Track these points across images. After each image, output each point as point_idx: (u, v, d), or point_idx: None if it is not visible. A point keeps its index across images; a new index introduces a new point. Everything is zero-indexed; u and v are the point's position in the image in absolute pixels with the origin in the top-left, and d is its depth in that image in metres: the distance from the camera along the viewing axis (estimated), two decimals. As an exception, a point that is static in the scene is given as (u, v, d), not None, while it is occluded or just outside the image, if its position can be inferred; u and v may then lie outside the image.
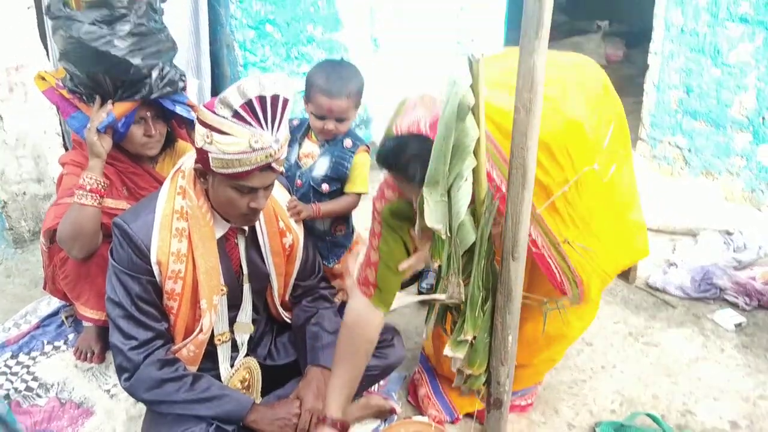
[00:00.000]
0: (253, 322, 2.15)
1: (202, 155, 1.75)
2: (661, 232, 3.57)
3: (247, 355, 2.15)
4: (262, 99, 1.67)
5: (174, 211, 1.87)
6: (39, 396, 2.46)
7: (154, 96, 2.29)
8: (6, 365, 2.61)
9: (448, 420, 2.30)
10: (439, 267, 1.34)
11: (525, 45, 1.23)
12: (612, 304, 3.01)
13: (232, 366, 2.10)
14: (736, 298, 2.96)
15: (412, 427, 2.12)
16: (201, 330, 1.95)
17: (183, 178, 1.89)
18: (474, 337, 1.41)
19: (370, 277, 1.94)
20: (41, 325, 2.85)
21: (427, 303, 1.57)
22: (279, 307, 2.20)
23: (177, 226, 1.86)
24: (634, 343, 2.75)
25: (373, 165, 2.57)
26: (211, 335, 2.01)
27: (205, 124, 1.71)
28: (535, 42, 1.22)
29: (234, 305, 2.07)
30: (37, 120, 3.38)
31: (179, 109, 2.39)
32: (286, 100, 1.72)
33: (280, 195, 2.14)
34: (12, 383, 2.51)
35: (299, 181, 2.38)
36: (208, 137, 1.71)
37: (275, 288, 2.13)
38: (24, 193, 3.46)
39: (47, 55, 3.31)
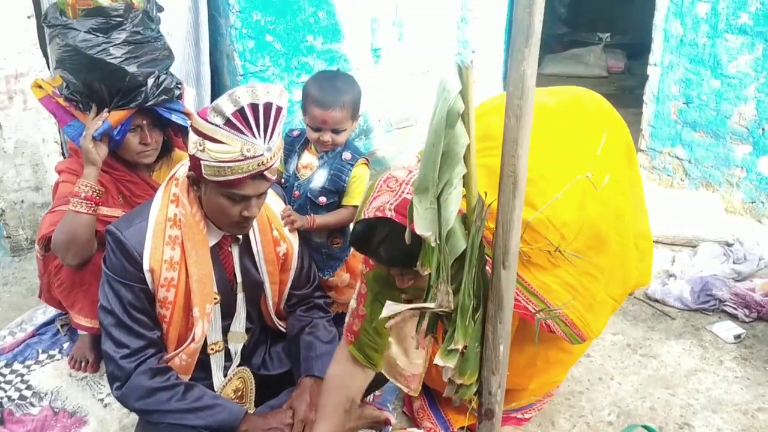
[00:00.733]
0: (247, 331, 2.14)
1: (195, 162, 1.75)
2: (661, 243, 3.55)
3: (240, 364, 2.14)
4: (254, 107, 1.67)
5: (167, 218, 1.87)
6: (32, 405, 2.44)
7: (149, 104, 2.29)
8: (0, 374, 2.60)
9: (443, 432, 2.29)
10: (429, 275, 1.33)
11: (515, 53, 1.22)
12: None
13: (226, 375, 2.09)
14: (735, 309, 2.94)
15: (406, 438, 2.10)
16: (193, 339, 1.94)
17: (176, 186, 1.89)
18: (465, 347, 1.39)
19: (355, 326, 1.98)
20: (36, 333, 2.84)
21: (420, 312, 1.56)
22: (273, 316, 2.19)
23: (170, 234, 1.86)
24: (632, 355, 2.73)
25: (372, 176, 2.57)
26: (204, 344, 2.00)
27: (197, 132, 1.71)
28: (525, 50, 1.21)
29: (228, 314, 2.07)
30: (36, 128, 3.39)
31: (175, 117, 2.39)
32: (279, 108, 1.72)
33: (274, 204, 2.13)
34: (5, 392, 2.50)
35: (297, 192, 2.37)
36: (200, 145, 1.71)
37: (269, 297, 2.13)
38: (22, 201, 3.46)
39: (47, 63, 3.32)
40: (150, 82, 2.27)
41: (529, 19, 1.19)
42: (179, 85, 2.40)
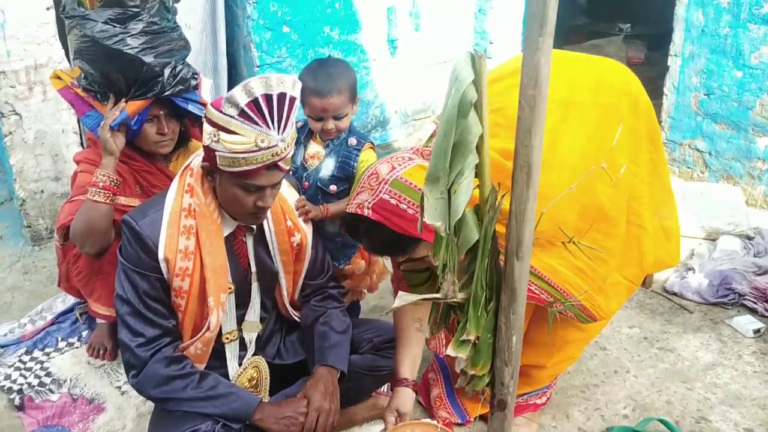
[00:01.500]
0: (262, 320, 2.15)
1: (210, 153, 1.75)
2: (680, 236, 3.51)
3: (255, 353, 2.15)
4: (268, 98, 1.67)
5: (182, 208, 1.87)
6: (51, 391, 2.48)
7: (166, 94, 2.30)
8: (20, 361, 2.65)
9: (459, 422, 2.28)
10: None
11: (529, 42, 1.21)
12: (627, 308, 2.96)
13: (240, 365, 2.10)
14: (755, 303, 2.91)
15: (418, 428, 2.10)
16: (208, 328, 1.95)
17: (191, 176, 1.89)
18: (477, 338, 1.39)
19: (401, 285, 2.16)
20: (56, 321, 2.88)
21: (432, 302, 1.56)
22: (288, 305, 2.19)
23: (185, 224, 1.87)
24: (648, 348, 2.71)
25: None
26: (219, 333, 2.01)
27: (212, 123, 1.71)
28: (539, 39, 1.20)
29: (242, 303, 2.07)
30: (56, 119, 3.43)
31: (192, 108, 2.40)
32: (293, 99, 1.72)
33: (288, 194, 2.13)
34: (25, 378, 2.54)
35: (306, 183, 2.37)
36: (215, 136, 1.71)
37: (283, 287, 2.13)
38: (42, 191, 3.51)
39: (66, 55, 3.35)
40: (167, 72, 2.29)
41: (544, 7, 1.18)
42: (195, 76, 2.41)
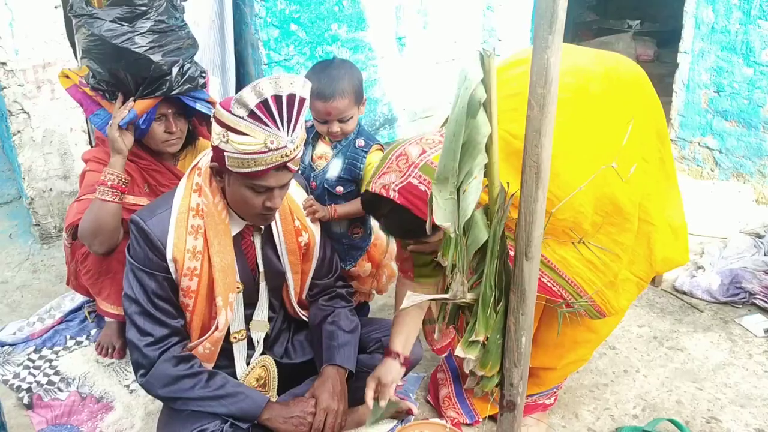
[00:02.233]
0: (270, 320, 2.15)
1: (218, 154, 1.75)
2: (690, 234, 3.48)
3: (263, 353, 2.15)
4: (278, 98, 1.66)
5: (190, 208, 1.87)
6: (60, 390, 2.48)
7: (174, 93, 2.30)
8: (29, 359, 2.65)
9: (468, 422, 2.28)
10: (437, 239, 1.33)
11: (538, 40, 1.20)
12: (637, 307, 2.95)
13: (248, 364, 2.10)
14: (765, 302, 2.88)
15: (427, 428, 2.09)
16: (217, 328, 1.95)
17: (199, 175, 1.89)
18: (486, 338, 1.38)
19: (406, 266, 2.13)
20: (65, 320, 2.89)
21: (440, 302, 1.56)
22: (295, 305, 2.19)
23: (193, 224, 1.87)
24: (658, 347, 2.69)
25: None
26: (228, 333, 2.01)
27: (221, 124, 1.71)
28: (548, 37, 1.19)
29: (250, 303, 2.07)
30: (64, 118, 3.43)
31: (200, 106, 2.40)
32: (302, 100, 1.71)
33: (296, 193, 2.13)
34: (34, 377, 2.55)
35: (314, 183, 2.36)
36: (224, 136, 1.71)
37: (291, 286, 2.13)
38: (50, 189, 3.52)
39: (74, 53, 3.36)
40: (174, 71, 2.28)
41: (553, 5, 1.17)
42: (203, 74, 2.41)
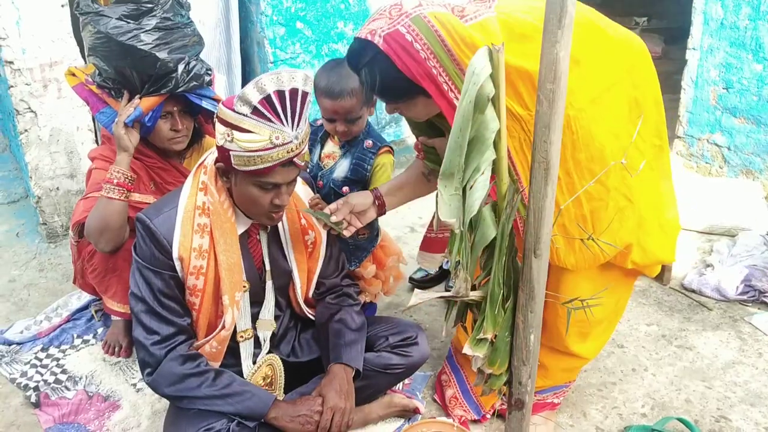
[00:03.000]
0: (276, 318, 2.14)
1: (224, 154, 1.74)
2: (698, 232, 3.47)
3: (270, 351, 2.14)
4: (280, 94, 1.65)
5: (196, 206, 1.87)
6: (67, 389, 2.48)
7: (180, 90, 2.29)
8: (37, 358, 2.65)
9: (476, 419, 2.26)
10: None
11: (547, 35, 1.19)
12: (645, 305, 2.93)
13: (255, 363, 2.09)
14: (775, 301, 2.87)
15: (435, 426, 2.09)
16: (223, 326, 1.94)
17: (205, 173, 1.88)
18: (494, 336, 1.37)
19: (419, 145, 2.21)
20: (72, 318, 2.89)
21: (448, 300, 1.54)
22: (302, 303, 2.18)
23: (199, 222, 1.86)
24: (667, 346, 2.67)
25: (396, 164, 2.53)
26: (234, 332, 2.01)
27: (225, 123, 1.70)
28: (558, 32, 1.18)
29: (257, 302, 2.07)
30: (71, 116, 3.43)
31: (206, 104, 2.39)
32: (305, 94, 1.71)
33: (302, 192, 2.12)
34: (42, 375, 2.55)
35: (321, 182, 2.35)
36: (228, 135, 1.70)
37: (297, 285, 2.12)
38: (57, 188, 3.52)
39: (81, 52, 3.36)
40: (180, 68, 2.28)
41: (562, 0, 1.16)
42: (209, 72, 2.40)
